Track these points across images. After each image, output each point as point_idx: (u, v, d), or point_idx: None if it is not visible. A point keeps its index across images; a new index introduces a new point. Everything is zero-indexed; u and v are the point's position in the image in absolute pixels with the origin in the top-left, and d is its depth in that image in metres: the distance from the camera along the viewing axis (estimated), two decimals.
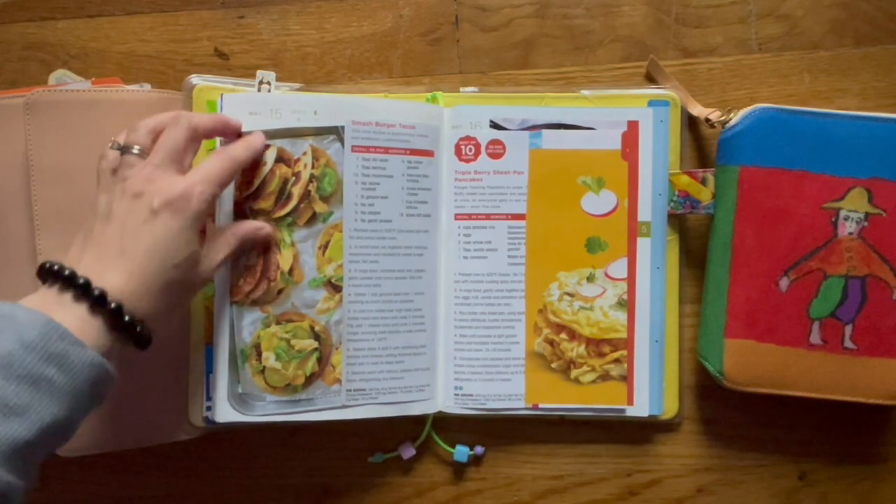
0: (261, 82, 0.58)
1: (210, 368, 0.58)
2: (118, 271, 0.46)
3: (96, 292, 0.45)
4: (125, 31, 0.63)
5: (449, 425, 0.61)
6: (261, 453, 0.61)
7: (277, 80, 0.59)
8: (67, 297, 0.45)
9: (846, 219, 0.55)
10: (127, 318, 0.45)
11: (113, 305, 0.45)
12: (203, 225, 0.52)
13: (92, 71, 0.62)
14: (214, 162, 0.51)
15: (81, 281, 0.45)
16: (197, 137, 0.52)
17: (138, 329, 0.46)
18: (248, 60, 0.62)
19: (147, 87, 0.59)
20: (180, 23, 0.63)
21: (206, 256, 0.51)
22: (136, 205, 0.48)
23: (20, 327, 0.41)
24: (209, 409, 0.58)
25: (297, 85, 0.60)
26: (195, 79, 0.59)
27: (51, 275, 0.46)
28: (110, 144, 0.51)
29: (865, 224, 0.55)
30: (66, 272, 0.45)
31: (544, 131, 0.59)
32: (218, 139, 0.56)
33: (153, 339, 0.47)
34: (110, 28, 0.63)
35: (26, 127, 0.57)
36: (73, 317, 0.44)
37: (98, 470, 0.61)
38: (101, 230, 0.48)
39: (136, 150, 0.51)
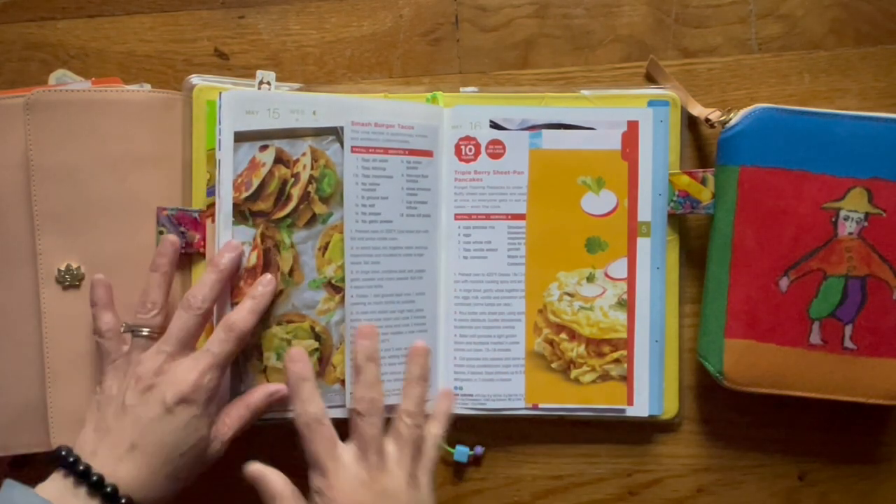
0: (261, 82, 0.58)
1: None
2: (129, 465, 0.49)
3: (108, 489, 0.47)
4: (125, 31, 0.63)
5: (449, 425, 0.60)
6: (261, 453, 0.61)
7: (277, 80, 0.59)
8: (82, 491, 0.47)
9: (846, 219, 0.55)
10: None
11: (124, 501, 0.48)
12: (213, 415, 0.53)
13: (92, 71, 0.62)
14: (222, 342, 0.53)
15: (95, 478, 0.48)
16: (207, 319, 0.54)
17: None
18: (248, 60, 0.62)
19: (147, 87, 0.59)
20: (180, 23, 0.63)
21: (217, 438, 0.53)
22: (149, 398, 0.50)
23: None
24: None
25: (297, 85, 0.60)
26: (195, 79, 0.59)
27: (66, 466, 0.48)
28: (122, 328, 0.54)
29: (865, 224, 0.55)
30: (81, 467, 0.48)
31: (544, 131, 0.59)
32: (218, 141, 0.56)
33: None
34: (110, 28, 0.63)
35: (26, 127, 0.57)
36: None
37: None
38: (115, 422, 0.50)
39: (145, 332, 0.53)
